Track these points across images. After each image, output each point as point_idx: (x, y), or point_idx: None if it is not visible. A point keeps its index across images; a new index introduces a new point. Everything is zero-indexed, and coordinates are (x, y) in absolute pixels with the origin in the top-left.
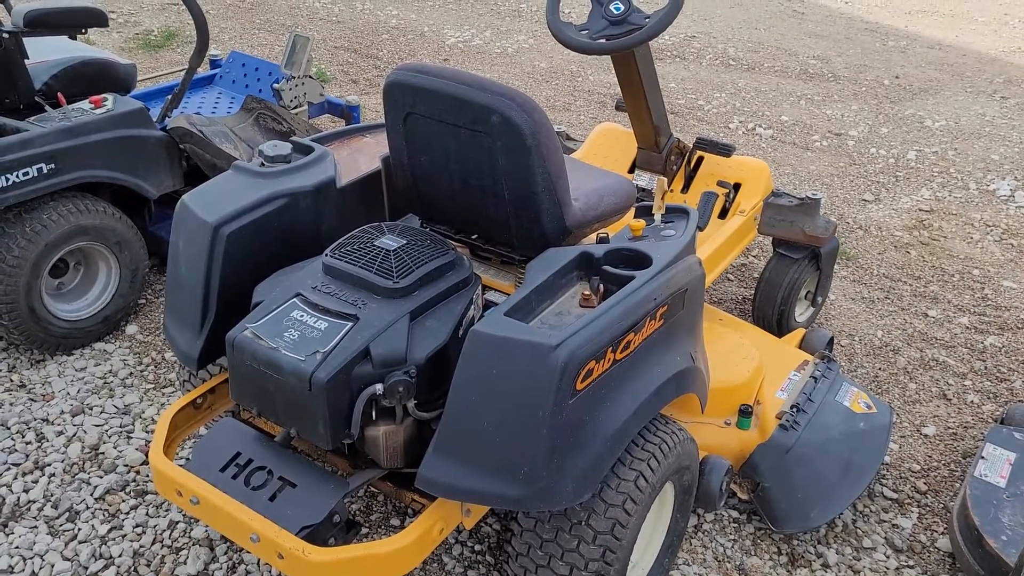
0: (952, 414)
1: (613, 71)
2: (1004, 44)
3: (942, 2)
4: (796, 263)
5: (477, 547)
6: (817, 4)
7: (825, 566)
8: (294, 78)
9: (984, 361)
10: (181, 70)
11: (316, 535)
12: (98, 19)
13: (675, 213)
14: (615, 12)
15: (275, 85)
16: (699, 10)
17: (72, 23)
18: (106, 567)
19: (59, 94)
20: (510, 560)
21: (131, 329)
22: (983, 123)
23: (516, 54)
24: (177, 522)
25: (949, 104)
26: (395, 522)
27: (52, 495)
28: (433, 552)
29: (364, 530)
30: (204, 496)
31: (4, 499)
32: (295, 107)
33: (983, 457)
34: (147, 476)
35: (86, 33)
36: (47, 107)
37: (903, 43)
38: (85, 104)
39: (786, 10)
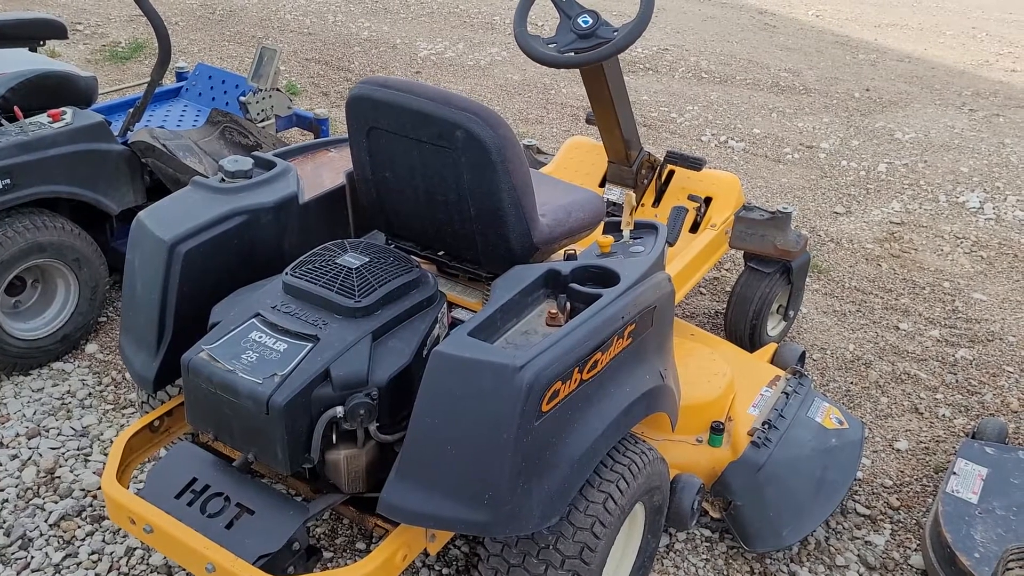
0: (924, 428)
1: None
2: (972, 57)
3: (911, 16)
4: (768, 277)
5: (444, 571)
6: (788, 17)
7: None
8: (261, 91)
9: (955, 374)
10: (146, 83)
11: (274, 564)
12: (56, 31)
13: (644, 229)
14: (583, 25)
15: (241, 98)
16: (672, 23)
17: (28, 35)
18: None
19: (15, 108)
20: None
21: (91, 348)
22: (952, 135)
23: (489, 66)
24: (135, 549)
25: (919, 117)
26: (361, 546)
27: (5, 522)
28: None
29: (329, 554)
30: (157, 524)
31: None
32: (262, 120)
33: (955, 472)
34: (104, 501)
35: (44, 44)
36: (3, 121)
37: (873, 56)
38: (43, 118)
39: (757, 23)
